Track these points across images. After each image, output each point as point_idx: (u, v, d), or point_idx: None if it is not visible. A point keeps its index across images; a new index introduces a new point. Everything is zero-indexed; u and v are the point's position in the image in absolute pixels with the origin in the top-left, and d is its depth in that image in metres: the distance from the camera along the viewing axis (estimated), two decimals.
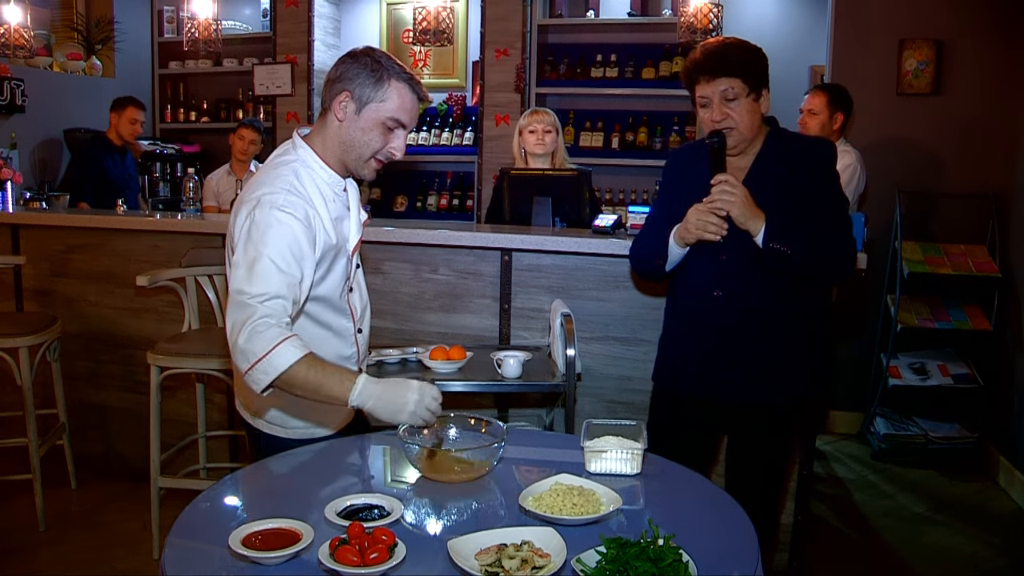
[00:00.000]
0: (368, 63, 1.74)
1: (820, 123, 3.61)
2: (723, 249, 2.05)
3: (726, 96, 2.01)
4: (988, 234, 4.08)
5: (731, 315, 2.08)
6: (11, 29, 4.47)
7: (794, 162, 2.08)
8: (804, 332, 2.14)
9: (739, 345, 2.09)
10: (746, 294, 2.07)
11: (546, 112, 3.49)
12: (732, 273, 2.07)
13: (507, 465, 1.71)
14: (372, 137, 1.76)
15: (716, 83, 2.01)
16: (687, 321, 2.19)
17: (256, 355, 1.57)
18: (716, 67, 2.01)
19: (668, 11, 4.93)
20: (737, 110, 2.01)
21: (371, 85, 1.73)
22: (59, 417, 3.40)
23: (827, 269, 2.09)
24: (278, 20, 5.38)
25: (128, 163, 4.84)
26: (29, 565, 2.89)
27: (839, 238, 2.07)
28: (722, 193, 1.98)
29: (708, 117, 2.05)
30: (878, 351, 4.28)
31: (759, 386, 2.11)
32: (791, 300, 2.09)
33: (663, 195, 2.28)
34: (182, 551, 1.35)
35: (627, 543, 1.24)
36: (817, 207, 2.05)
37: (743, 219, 1.99)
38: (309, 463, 1.78)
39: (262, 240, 1.65)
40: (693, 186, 2.10)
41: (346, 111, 1.75)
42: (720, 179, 2.00)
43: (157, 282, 2.99)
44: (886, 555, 3.14)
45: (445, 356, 2.45)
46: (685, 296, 2.19)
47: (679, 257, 2.13)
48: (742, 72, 2.01)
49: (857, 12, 4.28)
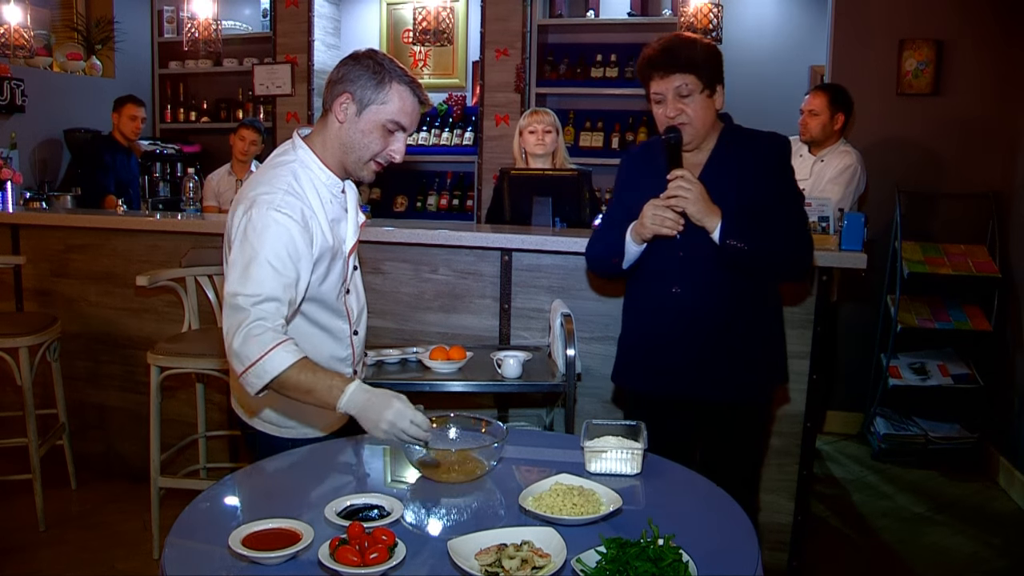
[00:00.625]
0: (370, 65, 1.74)
1: (821, 123, 3.61)
2: (680, 245, 2.06)
3: (680, 92, 2.02)
4: (988, 234, 4.07)
5: (690, 311, 2.09)
6: (11, 29, 4.47)
7: (749, 157, 2.09)
8: (762, 325, 2.16)
9: (699, 340, 2.10)
10: (704, 289, 2.08)
11: (546, 112, 3.49)
12: (690, 269, 2.08)
13: (507, 465, 1.71)
14: (372, 139, 1.76)
15: (670, 79, 2.02)
16: (647, 319, 2.19)
17: (250, 359, 1.58)
18: (670, 63, 2.01)
19: (668, 11, 4.93)
20: (692, 106, 2.03)
21: (372, 87, 1.73)
22: (59, 417, 3.40)
23: (784, 265, 2.10)
24: (278, 20, 5.39)
25: (132, 163, 4.85)
26: (29, 565, 2.89)
27: (795, 233, 2.08)
28: (678, 189, 1.99)
29: (663, 113, 2.06)
30: (878, 351, 4.28)
31: (721, 380, 2.12)
32: (748, 294, 2.11)
33: (618, 194, 2.28)
34: (182, 551, 1.35)
35: (627, 543, 1.24)
36: (773, 202, 2.06)
37: (699, 215, 1.99)
38: (309, 463, 1.78)
39: (258, 240, 1.65)
40: (649, 184, 2.10)
41: (347, 112, 1.75)
42: (676, 175, 2.00)
43: (157, 282, 2.99)
44: (886, 555, 3.14)
45: (445, 356, 2.45)
46: (643, 293, 2.20)
47: (636, 254, 2.13)
48: (696, 68, 2.01)
49: (857, 12, 4.29)
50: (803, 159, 3.71)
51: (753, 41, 5.10)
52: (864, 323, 4.37)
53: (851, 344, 4.35)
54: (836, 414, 4.41)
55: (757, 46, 5.10)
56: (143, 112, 4.72)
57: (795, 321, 2.74)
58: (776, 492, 2.79)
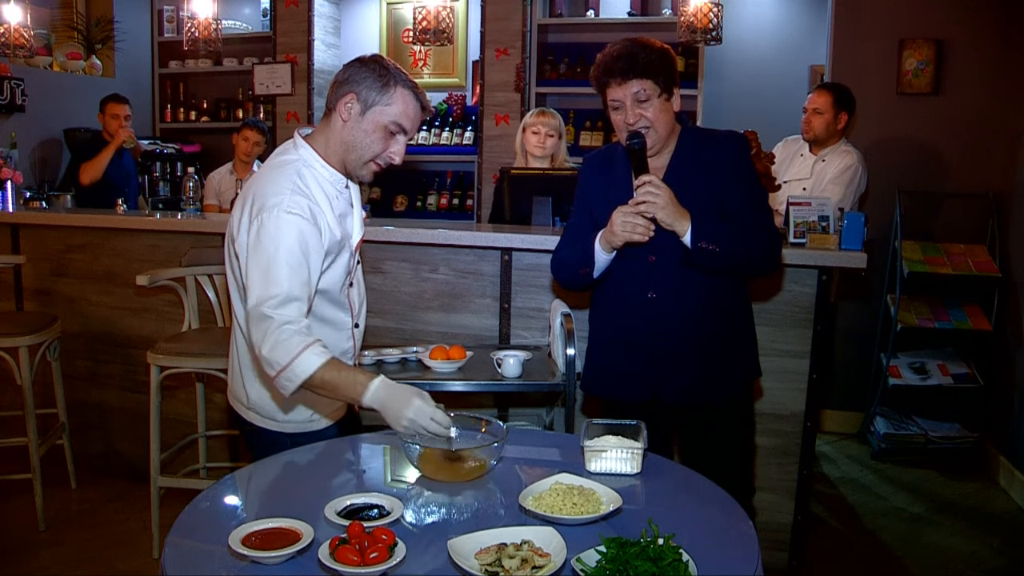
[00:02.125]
0: (376, 68, 1.79)
1: (825, 122, 3.60)
2: (651, 250, 2.05)
3: (639, 98, 2.01)
4: (988, 234, 4.07)
5: (665, 315, 2.09)
6: (11, 29, 4.46)
7: (711, 157, 2.09)
8: (735, 322, 2.17)
9: (679, 344, 2.10)
10: (678, 293, 2.08)
11: (553, 115, 3.49)
12: (663, 273, 2.08)
13: (507, 465, 1.71)
14: (374, 140, 1.80)
15: (627, 85, 2.01)
16: (620, 327, 2.17)
17: (280, 364, 1.64)
18: (626, 69, 2.00)
19: (668, 11, 4.93)
20: (651, 111, 2.02)
21: (377, 89, 1.78)
22: (59, 417, 3.40)
23: (755, 262, 2.10)
24: (278, 20, 5.38)
25: (127, 162, 4.83)
26: (29, 565, 2.89)
27: (764, 229, 2.08)
28: (647, 195, 1.98)
29: (622, 120, 2.05)
30: (878, 351, 4.28)
31: (698, 383, 2.13)
32: (720, 293, 2.12)
33: (580, 204, 2.25)
34: (182, 551, 1.36)
35: (627, 543, 1.24)
36: (739, 200, 2.06)
37: (669, 220, 1.98)
38: (309, 463, 1.78)
39: (272, 244, 1.70)
40: (611, 191, 2.10)
41: (351, 112, 1.80)
42: (644, 179, 1.99)
43: (157, 282, 2.99)
44: (886, 555, 3.14)
45: (445, 356, 2.45)
46: (615, 301, 2.17)
47: (606, 263, 2.12)
48: (652, 73, 2.00)
49: (857, 12, 4.28)
50: (804, 158, 3.71)
51: (753, 41, 5.10)
52: (864, 323, 4.37)
53: (851, 344, 4.35)
54: (836, 414, 4.41)
55: (757, 46, 5.10)
56: (126, 109, 4.67)
57: (795, 321, 2.74)
58: (776, 492, 2.79)
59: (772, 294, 2.75)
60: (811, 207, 2.76)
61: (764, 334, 2.56)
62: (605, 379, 2.23)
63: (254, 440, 1.97)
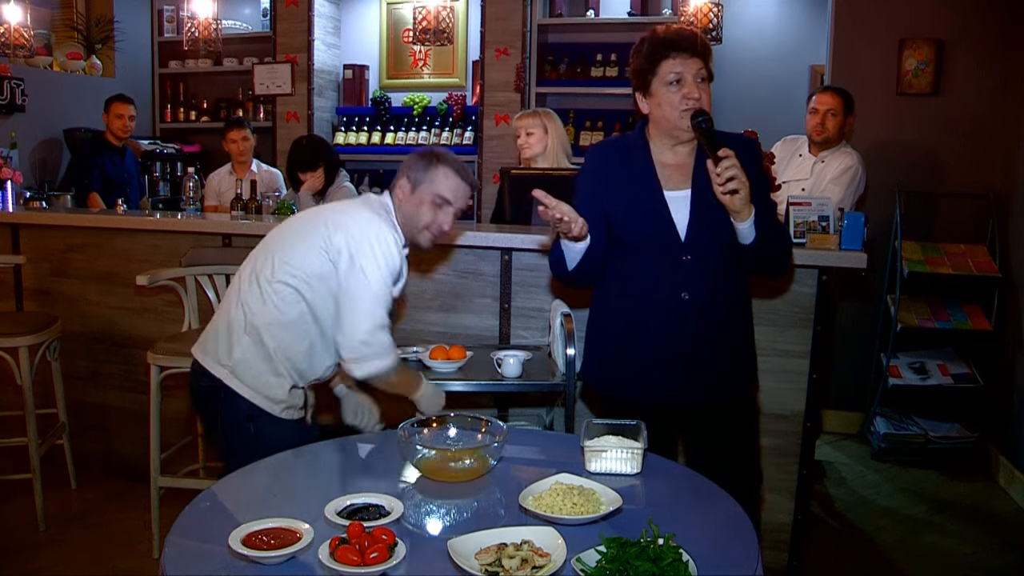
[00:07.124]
0: (425, 155, 2.16)
1: (838, 124, 3.58)
2: (686, 250, 2.01)
3: (701, 76, 1.98)
4: (988, 234, 4.07)
5: (698, 316, 2.03)
6: (11, 29, 4.47)
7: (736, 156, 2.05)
8: (748, 321, 2.19)
9: (704, 346, 2.06)
10: (712, 293, 2.05)
11: (532, 114, 3.48)
12: (698, 273, 2.02)
13: (507, 465, 1.72)
14: (423, 211, 2.14)
15: (694, 62, 1.96)
16: (645, 328, 2.07)
17: (367, 358, 2.01)
18: (693, 47, 1.96)
19: (668, 11, 4.93)
20: (707, 94, 1.98)
21: (423, 169, 2.14)
22: (59, 417, 3.40)
23: (783, 261, 2.10)
24: (278, 19, 5.38)
25: (128, 162, 4.83)
26: (29, 565, 2.89)
27: (782, 229, 2.10)
28: (732, 168, 1.86)
29: (677, 96, 1.96)
30: (878, 351, 4.28)
31: (725, 381, 2.12)
32: (739, 293, 2.13)
33: (584, 195, 2.13)
34: (182, 551, 1.36)
35: (627, 543, 1.24)
36: (760, 200, 2.00)
37: (742, 202, 1.89)
38: (308, 463, 1.78)
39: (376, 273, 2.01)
40: (628, 181, 2.06)
41: (404, 191, 2.15)
42: (726, 153, 1.87)
43: (157, 282, 3.00)
44: (886, 555, 3.13)
45: (445, 356, 2.45)
46: (641, 302, 2.07)
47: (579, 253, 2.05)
48: (708, 60, 2.00)
49: (857, 12, 4.28)
50: (803, 159, 3.70)
51: (753, 41, 5.09)
52: (864, 323, 4.37)
53: (851, 344, 4.35)
54: (836, 414, 4.41)
55: (757, 46, 5.10)
56: (131, 110, 4.67)
57: (795, 321, 2.74)
58: (776, 492, 2.79)
59: (772, 294, 2.75)
60: (811, 207, 2.76)
61: (764, 334, 2.56)
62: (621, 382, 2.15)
63: (210, 397, 2.07)
